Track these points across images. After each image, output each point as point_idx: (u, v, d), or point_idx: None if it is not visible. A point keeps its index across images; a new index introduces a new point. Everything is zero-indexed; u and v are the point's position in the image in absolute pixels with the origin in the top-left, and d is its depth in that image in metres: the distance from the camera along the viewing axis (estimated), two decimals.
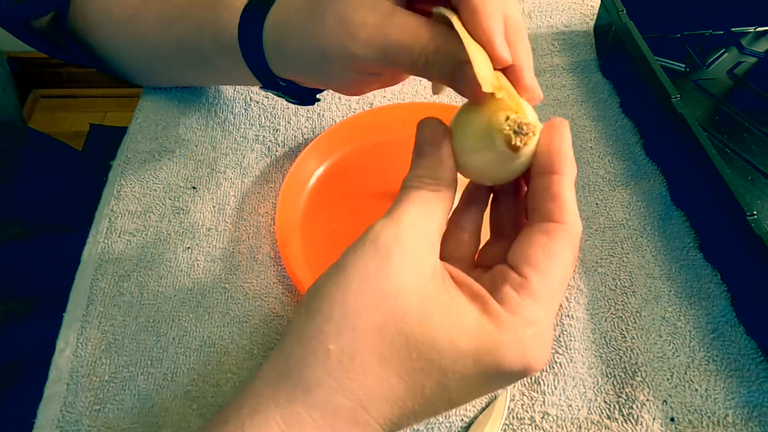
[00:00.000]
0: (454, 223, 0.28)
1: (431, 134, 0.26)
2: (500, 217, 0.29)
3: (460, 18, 0.26)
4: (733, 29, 0.56)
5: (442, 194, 0.25)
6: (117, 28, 0.45)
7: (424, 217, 0.24)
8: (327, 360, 0.23)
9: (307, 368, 0.23)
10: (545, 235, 0.24)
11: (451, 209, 0.26)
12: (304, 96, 0.40)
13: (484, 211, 0.29)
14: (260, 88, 0.39)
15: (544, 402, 0.35)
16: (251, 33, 0.35)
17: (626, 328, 0.38)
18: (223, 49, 0.38)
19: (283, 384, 0.23)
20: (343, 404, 0.22)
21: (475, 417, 0.35)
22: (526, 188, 0.27)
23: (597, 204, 0.44)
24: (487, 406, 0.35)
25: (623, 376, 0.36)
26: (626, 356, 0.37)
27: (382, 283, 0.23)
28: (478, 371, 0.23)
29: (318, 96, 0.41)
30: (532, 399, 0.35)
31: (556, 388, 0.36)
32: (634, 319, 0.38)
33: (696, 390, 0.35)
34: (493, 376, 0.23)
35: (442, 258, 0.25)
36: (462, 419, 0.35)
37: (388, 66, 0.29)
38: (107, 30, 0.46)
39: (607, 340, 0.37)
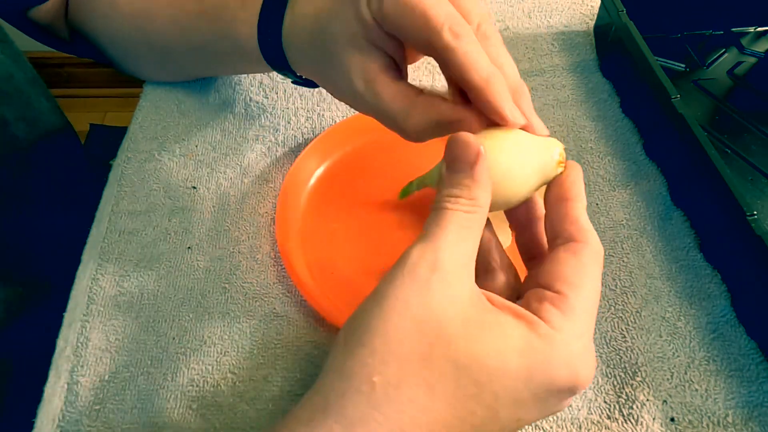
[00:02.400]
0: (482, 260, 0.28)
1: (465, 151, 0.25)
2: (522, 247, 0.30)
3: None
4: (733, 29, 0.56)
5: (478, 216, 0.25)
6: (131, 17, 0.45)
7: (460, 240, 0.24)
8: (372, 393, 0.22)
9: (350, 404, 0.22)
10: (572, 254, 0.25)
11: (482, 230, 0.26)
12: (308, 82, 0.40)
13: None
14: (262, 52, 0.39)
15: None
16: (270, 32, 0.36)
17: (626, 328, 0.38)
18: (240, 51, 0.39)
19: (320, 422, 0.22)
20: None
21: None
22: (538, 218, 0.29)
23: (597, 204, 0.44)
24: None
25: (623, 376, 0.36)
26: (626, 356, 0.37)
27: (423, 312, 0.22)
28: (529, 391, 0.23)
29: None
30: None
31: None
32: (634, 319, 0.38)
33: (696, 390, 0.35)
34: (545, 395, 0.23)
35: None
36: None
37: (402, 29, 0.29)
38: (115, 22, 0.46)
39: (607, 340, 0.37)
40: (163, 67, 0.49)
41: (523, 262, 0.30)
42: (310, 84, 0.40)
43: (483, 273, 0.27)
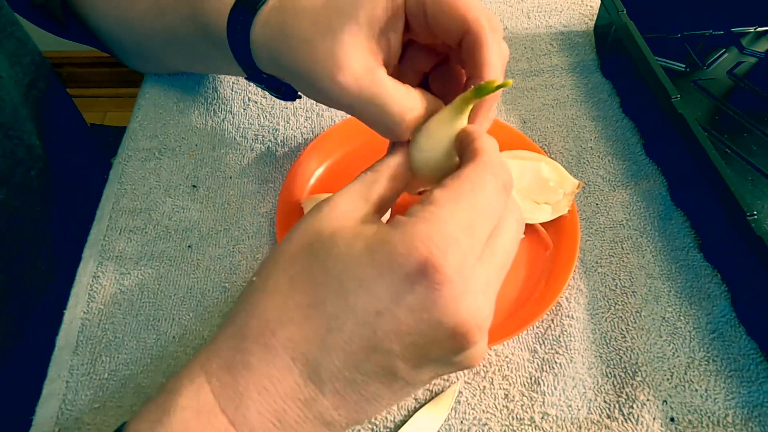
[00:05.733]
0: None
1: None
2: None
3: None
4: (733, 29, 0.56)
5: (378, 174, 0.28)
6: (111, 8, 0.45)
7: (356, 185, 0.27)
8: (249, 291, 0.25)
9: (236, 306, 0.25)
10: (457, 166, 0.26)
11: (391, 191, 0.28)
12: (286, 91, 0.40)
13: None
14: (245, 78, 0.39)
15: (543, 402, 0.35)
16: (239, 29, 0.35)
17: (626, 328, 0.38)
18: (211, 41, 0.38)
19: (220, 331, 0.25)
20: (252, 326, 0.24)
21: (416, 409, 0.34)
22: None
23: (597, 204, 0.44)
24: (431, 399, 0.35)
25: (623, 376, 0.36)
26: (626, 356, 0.37)
27: (307, 226, 0.25)
28: (373, 271, 0.22)
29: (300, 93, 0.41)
30: (531, 399, 0.35)
31: (556, 389, 0.35)
32: (634, 319, 0.38)
33: (696, 390, 0.35)
34: (392, 278, 0.22)
35: None
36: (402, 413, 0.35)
37: (352, 113, 0.31)
38: (102, 10, 0.46)
39: (607, 340, 0.37)
40: (145, 55, 0.48)
41: None
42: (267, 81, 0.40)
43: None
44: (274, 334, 0.23)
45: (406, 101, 0.29)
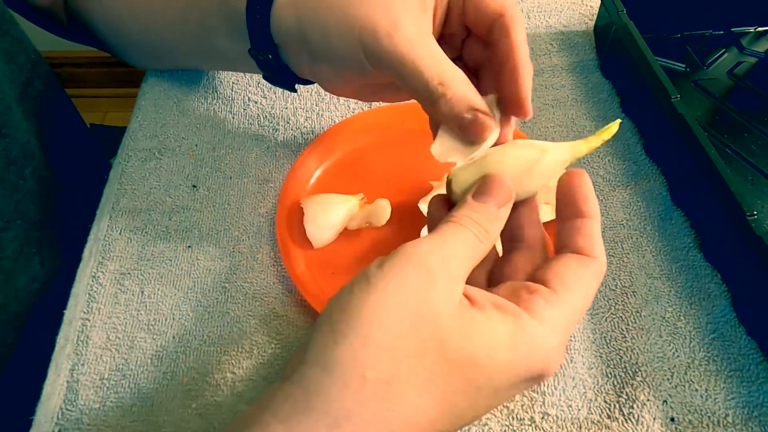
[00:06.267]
0: None
1: (501, 191, 0.27)
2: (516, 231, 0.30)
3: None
4: (733, 29, 0.56)
5: (485, 246, 0.26)
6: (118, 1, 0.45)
7: (465, 255, 0.25)
8: (361, 389, 0.21)
9: (336, 400, 0.21)
10: (580, 263, 0.26)
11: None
12: (285, 77, 0.39)
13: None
14: (248, 50, 0.38)
15: (544, 402, 0.35)
16: None
17: (626, 328, 0.38)
18: (222, 10, 0.38)
19: (301, 420, 0.21)
20: None
21: None
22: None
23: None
24: None
25: (623, 376, 0.36)
26: (626, 356, 0.37)
27: (422, 307, 0.22)
28: (509, 381, 0.24)
29: (296, 87, 0.41)
30: (532, 399, 0.35)
31: (556, 389, 0.36)
32: (634, 319, 0.38)
33: (696, 390, 0.35)
34: (518, 383, 0.24)
35: None
36: None
37: (395, 74, 0.30)
38: (108, 3, 0.46)
39: (607, 340, 0.37)
40: (152, 49, 0.48)
41: (502, 242, 0.31)
42: (278, 73, 0.39)
43: None
44: None
45: (456, 72, 0.29)
